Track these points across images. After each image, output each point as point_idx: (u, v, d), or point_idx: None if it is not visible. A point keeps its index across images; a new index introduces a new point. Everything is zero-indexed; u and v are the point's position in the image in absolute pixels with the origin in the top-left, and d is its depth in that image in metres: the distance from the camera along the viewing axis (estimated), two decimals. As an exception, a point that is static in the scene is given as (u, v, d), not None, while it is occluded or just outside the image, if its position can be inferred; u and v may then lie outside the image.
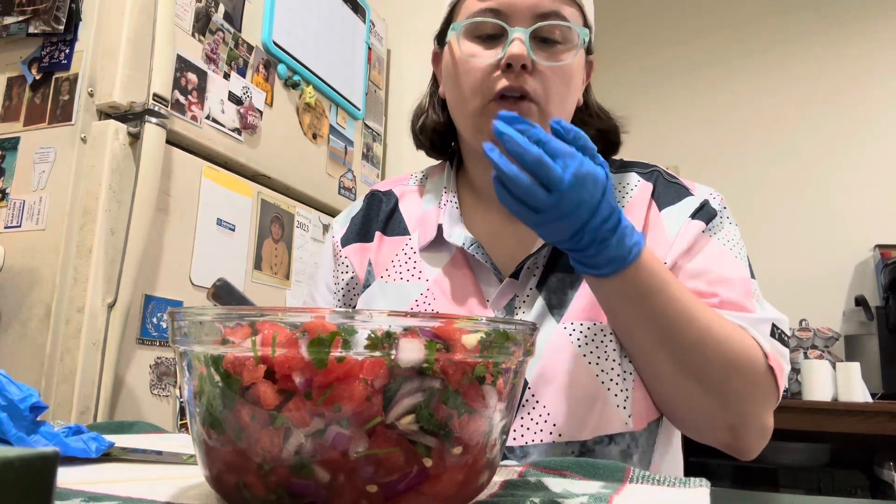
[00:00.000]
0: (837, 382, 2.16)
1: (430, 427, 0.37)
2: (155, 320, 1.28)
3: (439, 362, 0.37)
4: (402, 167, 2.24)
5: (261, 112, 1.60)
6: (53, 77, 1.29)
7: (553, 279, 0.77)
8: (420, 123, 0.89)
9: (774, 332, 0.72)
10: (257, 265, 1.56)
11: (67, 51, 1.29)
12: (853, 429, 2.04)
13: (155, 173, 1.25)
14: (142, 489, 0.44)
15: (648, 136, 2.90)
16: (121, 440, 0.60)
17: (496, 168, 0.57)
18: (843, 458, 2.33)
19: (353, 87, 1.99)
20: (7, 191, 1.28)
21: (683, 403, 0.70)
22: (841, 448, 2.33)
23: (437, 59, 0.86)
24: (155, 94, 1.27)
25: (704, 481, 0.48)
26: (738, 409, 0.69)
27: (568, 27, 0.74)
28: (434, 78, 0.89)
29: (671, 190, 0.80)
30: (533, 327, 0.43)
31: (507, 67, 0.72)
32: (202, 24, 1.43)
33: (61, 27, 1.27)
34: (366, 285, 0.86)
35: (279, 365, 0.36)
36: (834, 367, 2.21)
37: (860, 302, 2.44)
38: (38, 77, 1.30)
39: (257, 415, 0.37)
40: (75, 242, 1.20)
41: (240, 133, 1.52)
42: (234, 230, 1.49)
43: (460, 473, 0.39)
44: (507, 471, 0.53)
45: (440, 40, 0.84)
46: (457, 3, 0.78)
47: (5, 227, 1.26)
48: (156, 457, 0.57)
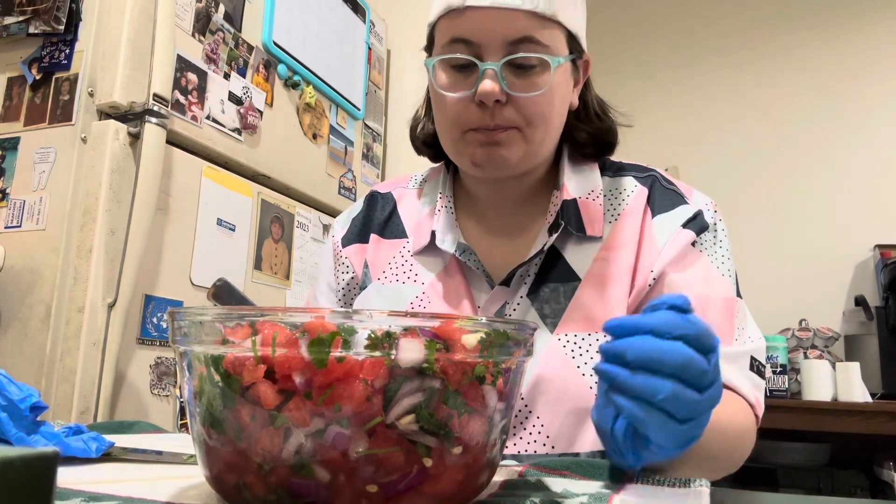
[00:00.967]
0: (837, 382, 2.16)
1: (430, 427, 0.37)
2: (155, 320, 1.28)
3: (439, 362, 0.37)
4: (401, 167, 2.24)
5: (261, 112, 1.60)
6: (53, 77, 1.29)
7: (545, 289, 0.76)
8: (417, 132, 0.89)
9: (753, 364, 0.73)
10: (257, 265, 1.56)
11: (67, 51, 1.29)
12: (853, 429, 2.04)
13: (155, 173, 1.25)
14: (142, 489, 0.44)
15: (647, 135, 2.89)
16: (121, 440, 0.60)
17: (628, 413, 0.44)
18: (843, 458, 2.32)
19: (353, 87, 1.99)
20: (7, 191, 1.28)
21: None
22: (841, 448, 2.33)
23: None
24: (155, 94, 1.27)
25: (704, 481, 0.48)
26: (734, 465, 0.71)
27: (543, 49, 0.70)
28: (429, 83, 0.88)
29: (667, 197, 0.79)
30: (533, 328, 0.43)
31: (481, 103, 0.70)
32: (202, 24, 1.43)
33: (61, 27, 1.27)
34: (362, 286, 0.86)
35: (279, 365, 0.36)
36: (834, 367, 2.20)
37: (860, 302, 2.44)
38: (38, 77, 1.30)
39: (257, 415, 0.37)
40: (75, 242, 1.20)
41: (240, 133, 1.52)
42: (234, 230, 1.49)
43: (460, 473, 0.39)
44: (507, 471, 0.53)
45: (428, 51, 0.81)
46: (435, 23, 0.75)
47: (5, 227, 1.26)
48: (156, 457, 0.57)
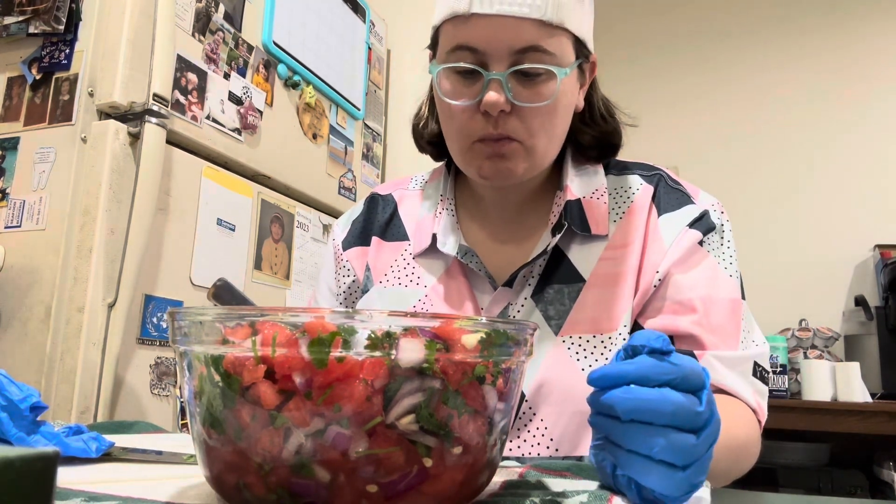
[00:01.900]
0: (837, 382, 2.16)
1: (430, 427, 0.37)
2: (155, 320, 1.28)
3: (439, 362, 0.37)
4: (401, 167, 2.24)
5: (261, 112, 1.60)
6: (53, 77, 1.29)
7: (550, 290, 0.75)
8: (420, 131, 0.88)
9: (756, 370, 0.72)
10: (257, 265, 1.56)
11: (67, 51, 1.29)
12: (853, 429, 2.04)
13: (155, 173, 1.25)
14: (142, 489, 0.44)
15: (648, 135, 2.89)
16: (121, 440, 0.60)
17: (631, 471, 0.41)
18: (843, 458, 2.32)
19: (353, 87, 1.99)
20: (7, 191, 1.28)
21: None
22: (841, 448, 2.33)
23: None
24: (155, 94, 1.27)
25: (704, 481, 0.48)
26: (740, 473, 0.71)
27: (550, 59, 0.69)
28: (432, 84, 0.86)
29: (673, 196, 0.78)
30: (534, 328, 0.43)
31: (486, 113, 0.69)
32: (202, 24, 1.43)
33: (61, 27, 1.27)
34: (364, 290, 0.85)
35: (279, 365, 0.36)
36: (834, 367, 2.21)
37: (860, 302, 2.44)
38: (38, 77, 1.30)
39: (257, 415, 0.37)
40: (75, 242, 1.20)
41: (240, 133, 1.52)
42: (234, 230, 1.49)
43: (460, 473, 0.39)
44: (508, 471, 0.53)
45: (432, 50, 0.80)
46: (439, 27, 0.74)
47: (5, 227, 1.26)
48: (156, 457, 0.57)
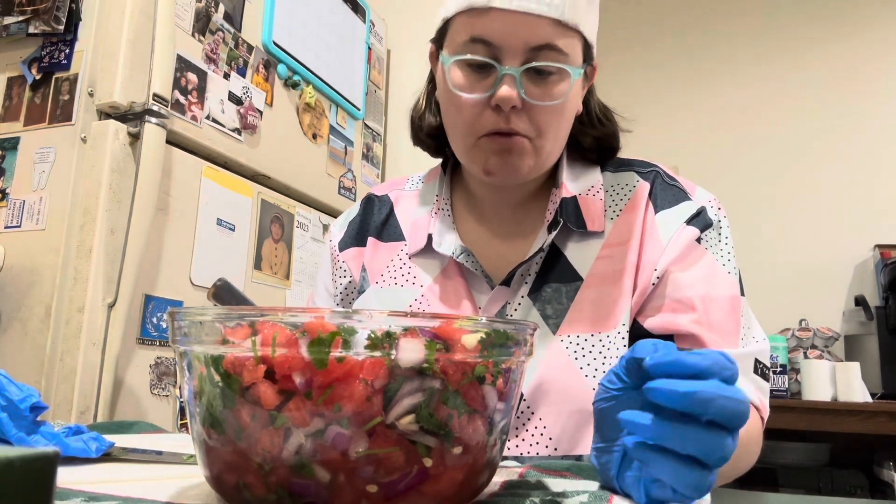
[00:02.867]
0: (837, 382, 2.16)
1: (430, 427, 0.37)
2: (155, 320, 1.28)
3: (439, 362, 0.37)
4: (401, 167, 2.23)
5: (261, 112, 1.60)
6: (53, 77, 1.29)
7: (547, 289, 0.75)
8: (417, 123, 0.87)
9: (757, 367, 0.72)
10: (257, 265, 1.56)
11: (67, 51, 1.28)
12: (853, 429, 2.04)
13: (155, 173, 1.25)
14: (142, 489, 0.44)
15: (647, 135, 2.89)
16: (121, 440, 0.60)
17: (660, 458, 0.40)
18: (843, 458, 2.32)
19: (353, 87, 1.99)
20: (7, 191, 1.28)
21: None
22: (841, 448, 2.33)
23: (434, 57, 0.81)
24: (155, 94, 1.27)
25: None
26: (741, 471, 0.71)
27: (563, 58, 0.69)
28: (432, 76, 0.85)
29: (669, 192, 0.78)
30: (534, 328, 0.43)
31: (497, 107, 0.69)
32: (202, 24, 1.43)
33: (61, 27, 1.27)
34: (360, 290, 0.85)
35: (279, 365, 0.36)
36: (834, 367, 2.21)
37: (860, 302, 2.44)
38: (38, 77, 1.30)
39: (257, 415, 0.37)
40: (75, 242, 1.20)
41: (240, 133, 1.52)
42: (234, 230, 1.49)
43: (460, 473, 0.39)
44: (508, 471, 0.53)
45: (437, 43, 0.79)
46: (451, 18, 0.73)
47: (5, 227, 1.26)
48: (156, 457, 0.57)
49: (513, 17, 0.67)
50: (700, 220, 0.76)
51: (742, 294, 0.76)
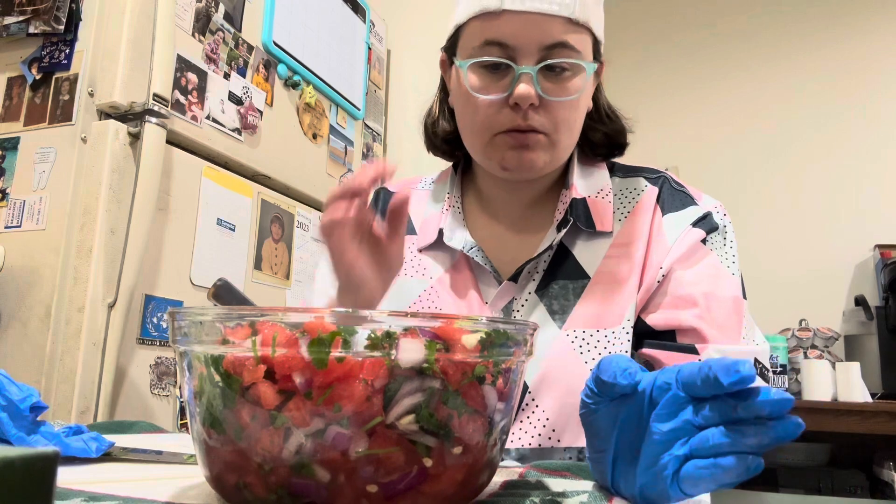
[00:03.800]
0: (837, 382, 2.16)
1: (430, 427, 0.37)
2: (155, 320, 1.28)
3: (439, 362, 0.37)
4: (401, 167, 2.23)
5: (261, 112, 1.60)
6: (53, 77, 1.29)
7: (555, 285, 0.77)
8: (431, 129, 0.89)
9: (756, 366, 0.73)
10: (257, 265, 1.56)
11: (67, 51, 1.28)
12: (853, 429, 2.04)
13: (155, 173, 1.25)
14: (142, 489, 0.44)
15: (647, 135, 2.89)
16: (121, 440, 0.60)
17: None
18: (843, 458, 2.32)
19: (353, 87, 1.99)
20: (7, 191, 1.28)
21: None
22: (841, 448, 2.33)
23: (445, 65, 0.83)
24: (155, 94, 1.27)
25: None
26: None
27: (576, 55, 0.71)
28: (443, 83, 0.87)
29: (677, 197, 0.81)
30: (534, 328, 0.43)
31: (515, 105, 0.71)
32: (202, 24, 1.43)
33: (61, 27, 1.27)
34: None
35: (279, 365, 0.36)
36: (834, 367, 2.21)
37: (860, 302, 2.44)
38: (38, 77, 1.30)
39: (257, 415, 0.37)
40: (75, 242, 1.20)
41: (240, 133, 1.52)
42: (234, 230, 1.49)
43: (460, 473, 0.39)
44: (508, 471, 0.53)
45: (449, 51, 0.81)
46: (463, 24, 0.75)
47: (5, 227, 1.26)
48: (156, 457, 0.57)
49: (525, 18, 0.69)
50: (706, 223, 0.78)
51: (744, 297, 0.77)
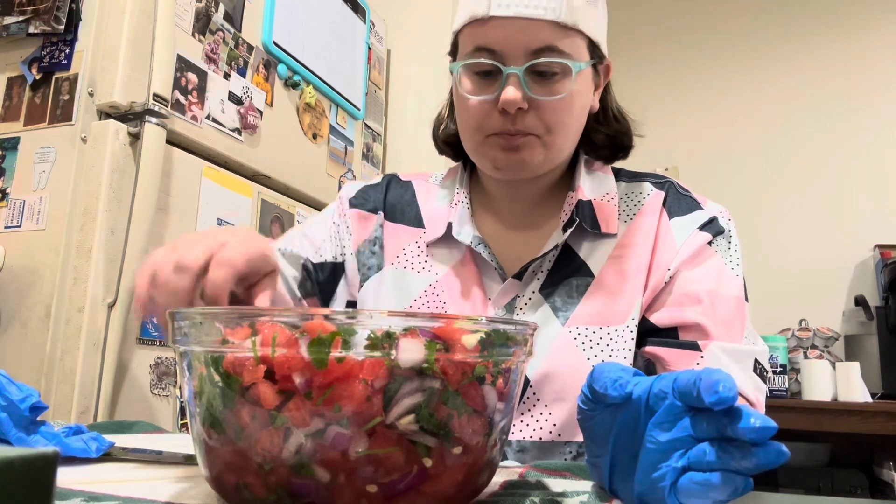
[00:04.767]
0: (837, 382, 2.16)
1: (430, 427, 0.37)
2: (155, 320, 1.28)
3: (439, 362, 0.37)
4: (402, 167, 2.23)
5: (261, 112, 1.60)
6: (53, 77, 1.29)
7: (559, 284, 0.78)
8: (440, 132, 0.91)
9: (756, 366, 0.74)
10: (257, 265, 1.55)
11: (67, 51, 1.28)
12: (853, 429, 2.04)
13: (155, 173, 1.25)
14: (142, 489, 0.44)
15: (647, 135, 2.89)
16: (121, 440, 0.60)
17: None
18: (843, 458, 2.32)
19: (353, 87, 1.99)
20: (7, 191, 1.28)
21: None
22: (841, 448, 2.33)
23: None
24: (155, 94, 1.27)
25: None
26: None
27: (565, 58, 0.72)
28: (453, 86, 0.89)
29: (683, 202, 0.82)
30: (534, 328, 0.43)
31: (504, 110, 0.72)
32: (202, 24, 1.43)
33: (61, 27, 1.27)
34: (372, 266, 0.86)
35: (279, 365, 0.36)
36: (834, 367, 2.20)
37: (860, 302, 2.44)
38: (38, 77, 1.30)
39: (257, 415, 0.37)
40: (75, 242, 1.20)
41: (240, 133, 1.52)
42: (234, 230, 1.49)
43: (460, 473, 0.39)
44: (508, 471, 0.53)
45: (451, 56, 0.83)
46: (459, 31, 0.77)
47: (5, 227, 1.26)
48: (156, 457, 0.57)
49: (512, 23, 0.70)
50: (712, 226, 0.79)
51: (746, 300, 0.78)
